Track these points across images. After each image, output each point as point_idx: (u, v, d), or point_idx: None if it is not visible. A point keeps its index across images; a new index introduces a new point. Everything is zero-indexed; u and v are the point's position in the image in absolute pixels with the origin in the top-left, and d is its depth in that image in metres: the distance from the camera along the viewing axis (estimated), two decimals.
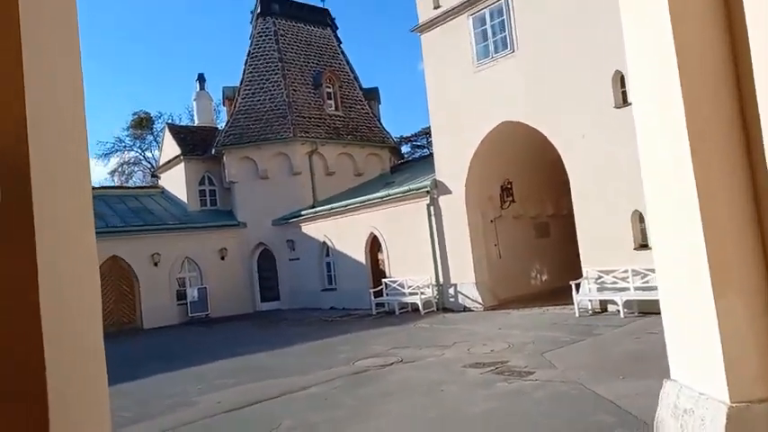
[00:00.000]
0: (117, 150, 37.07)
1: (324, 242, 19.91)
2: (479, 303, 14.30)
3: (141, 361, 12.38)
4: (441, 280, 15.28)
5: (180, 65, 59.13)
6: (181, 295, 20.71)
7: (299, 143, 21.66)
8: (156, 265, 20.19)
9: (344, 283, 19.13)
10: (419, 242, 15.68)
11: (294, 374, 8.88)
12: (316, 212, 19.93)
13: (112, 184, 32.56)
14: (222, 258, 21.71)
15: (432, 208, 15.34)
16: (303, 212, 20.44)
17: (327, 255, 20.10)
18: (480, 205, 14.96)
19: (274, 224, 21.75)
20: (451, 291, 15.10)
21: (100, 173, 51.60)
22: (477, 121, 14.00)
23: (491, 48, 13.62)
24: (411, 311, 15.80)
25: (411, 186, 15.91)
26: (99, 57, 55.88)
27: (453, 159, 14.75)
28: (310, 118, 22.45)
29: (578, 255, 12.79)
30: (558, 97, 12.18)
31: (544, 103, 12.51)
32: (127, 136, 37.19)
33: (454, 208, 14.82)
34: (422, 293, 15.36)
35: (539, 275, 16.65)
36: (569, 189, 12.75)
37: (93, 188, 26.93)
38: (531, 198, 16.31)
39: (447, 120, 15.00)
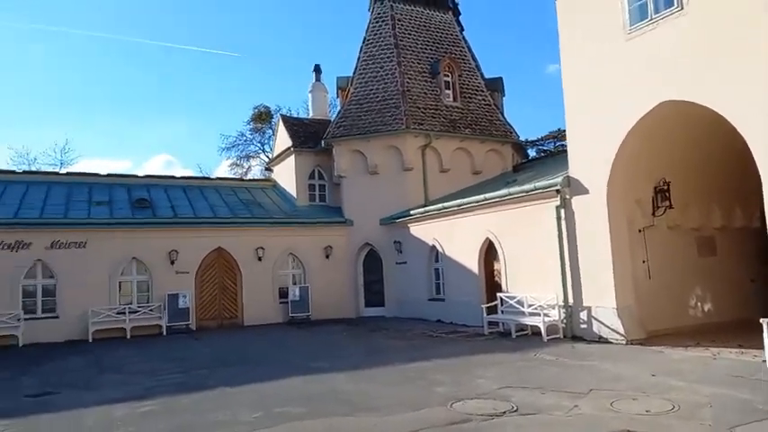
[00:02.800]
0: (238, 144, 38.00)
1: (433, 246, 17.81)
2: (620, 335, 11.34)
3: (218, 365, 11.14)
4: (570, 300, 12.49)
5: (300, 56, 60.30)
6: (283, 293, 19.73)
7: (411, 136, 19.77)
8: (259, 259, 19.39)
9: (454, 293, 16.88)
10: (544, 252, 13.03)
11: (372, 413, 6.87)
12: (426, 212, 17.88)
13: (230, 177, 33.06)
14: (327, 257, 20.44)
15: (562, 211, 12.62)
16: (412, 212, 18.50)
17: (437, 260, 17.97)
18: (626, 210, 11.97)
19: (382, 223, 20.06)
20: (583, 315, 12.26)
21: (221, 165, 54.03)
22: (627, 103, 11.07)
23: (650, 6, 10.63)
24: (531, 335, 13.19)
25: (537, 184, 13.27)
26: (227, 48, 58.68)
27: (593, 151, 11.92)
28: (425, 109, 20.47)
29: (753, 280, 9.43)
30: (747, 70, 8.98)
31: (725, 78, 9.34)
32: (248, 130, 37.99)
33: (591, 212, 11.99)
34: (545, 315, 12.67)
35: (700, 305, 13.14)
36: (753, 194, 9.44)
37: (208, 178, 27.33)
38: (695, 204, 12.94)
39: (586, 101, 12.19)
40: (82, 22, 56.43)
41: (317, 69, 26.06)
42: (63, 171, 24.47)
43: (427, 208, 18.00)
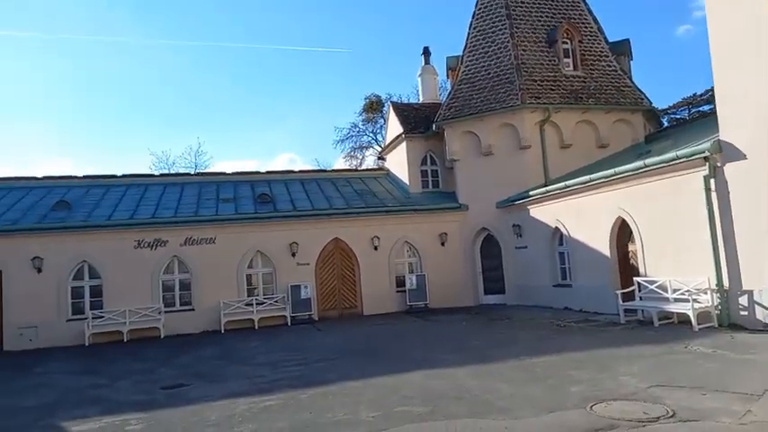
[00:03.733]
0: (352, 135, 38.51)
1: (556, 228, 16.53)
2: None
3: (339, 357, 11.04)
4: (726, 284, 10.82)
5: (409, 42, 59.77)
6: (400, 282, 19.52)
7: (527, 111, 18.49)
8: (375, 248, 19.30)
9: (582, 278, 15.53)
10: (690, 229, 11.42)
11: (500, 414, 6.21)
12: (546, 192, 16.62)
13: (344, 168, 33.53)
14: (442, 244, 19.88)
15: (712, 181, 10.93)
16: (532, 193, 17.31)
17: (561, 243, 16.67)
18: None
19: (499, 207, 19.06)
20: (743, 300, 10.56)
21: (337, 159, 55.29)
22: None
23: None
24: (677, 324, 11.68)
25: (679, 153, 11.60)
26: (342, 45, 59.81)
27: (751, 111, 10.12)
28: (542, 81, 19.03)
29: None
30: None
31: None
32: (360, 121, 38.34)
33: (751, 181, 10.23)
34: (695, 301, 11.10)
35: None
36: None
37: (324, 171, 27.86)
38: None
39: (741, 54, 10.38)
40: (205, 33, 60.55)
41: (426, 52, 25.43)
42: (194, 172, 26.19)
43: (548, 188, 16.72)
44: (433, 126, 20.65)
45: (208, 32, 60.74)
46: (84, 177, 21.18)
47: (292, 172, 24.19)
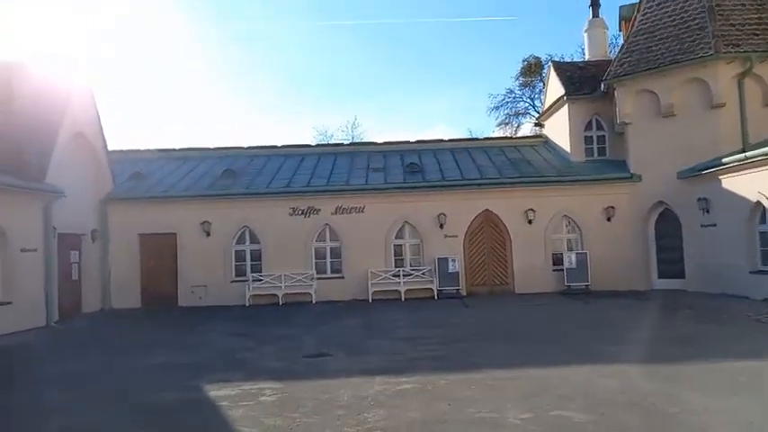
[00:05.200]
0: (507, 102, 36.37)
1: (758, 202, 13.65)
2: None
3: (486, 338, 10.10)
4: None
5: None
6: (557, 260, 17.82)
7: (722, 63, 15.42)
8: (530, 222, 17.80)
9: None
10: None
11: None
12: (746, 159, 13.73)
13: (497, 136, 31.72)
14: (608, 219, 17.70)
15: None
16: (725, 160, 14.46)
17: (763, 220, 13.76)
18: None
19: (680, 177, 16.35)
20: None
21: (489, 126, 53.06)
22: None
23: None
24: None
25: None
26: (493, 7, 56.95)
27: None
28: (743, 25, 15.70)
29: None
30: None
31: None
32: (517, 86, 36.02)
33: None
34: None
35: None
36: None
37: (475, 139, 26.46)
38: None
39: None
40: (364, 11, 61.51)
41: (594, 3, 22.64)
42: (347, 143, 26.60)
43: (749, 154, 13.78)
44: (602, 86, 18.27)
45: (366, 10, 61.65)
46: (249, 148, 22.41)
47: (442, 141, 23.31)
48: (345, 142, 27.76)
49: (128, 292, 17.55)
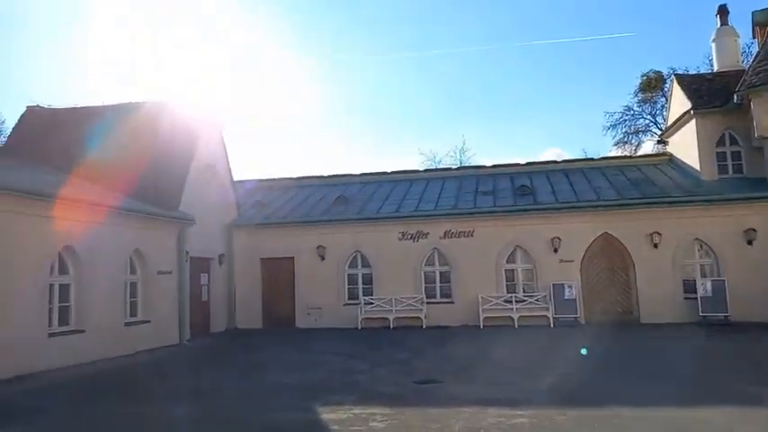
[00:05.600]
0: (625, 120, 34.25)
1: None
2: None
3: (612, 370, 9.42)
4: None
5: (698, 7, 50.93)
6: (689, 287, 16.31)
7: None
8: (655, 246, 16.52)
9: None
10: None
11: None
12: None
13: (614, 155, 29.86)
14: (749, 243, 15.96)
15: None
16: None
17: None
18: None
19: None
20: None
21: (605, 145, 50.25)
22: None
23: None
24: None
25: None
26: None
27: None
28: None
29: None
30: None
31: None
32: (636, 103, 33.84)
33: None
34: None
35: None
36: None
37: (591, 159, 25.11)
38: None
39: None
40: (478, 36, 61.75)
41: (723, 11, 20.90)
42: (455, 167, 26.54)
43: None
44: (735, 97, 16.72)
45: (470, 36, 61.79)
46: (360, 175, 23.10)
47: (555, 162, 22.50)
48: (453, 167, 27.68)
49: (250, 313, 18.64)
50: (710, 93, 18.47)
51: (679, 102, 19.71)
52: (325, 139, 61.93)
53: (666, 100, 25.06)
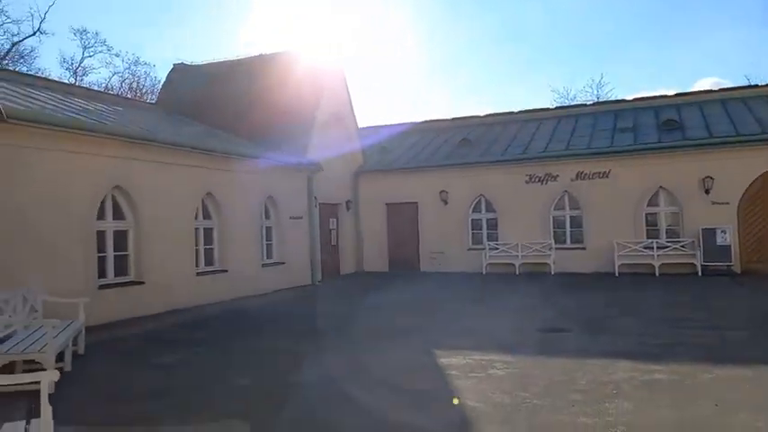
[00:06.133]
0: None
1: None
2: None
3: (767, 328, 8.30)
4: None
5: None
6: None
7: None
8: None
9: None
10: None
11: None
12: None
13: None
14: None
15: None
16: None
17: None
18: None
19: None
20: None
21: None
22: None
23: None
24: None
25: None
26: None
27: None
28: None
29: None
30: None
31: None
32: None
33: None
34: None
35: None
36: None
37: (755, 86, 21.61)
38: None
39: None
40: None
41: None
42: (589, 103, 24.43)
43: None
44: None
45: None
46: (486, 116, 22.21)
47: (710, 92, 19.77)
48: (588, 102, 25.56)
49: (377, 257, 19.18)
50: None
51: None
52: (447, 84, 60.47)
53: None
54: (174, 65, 20.81)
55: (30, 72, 26.63)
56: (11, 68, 25.09)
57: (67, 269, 8.94)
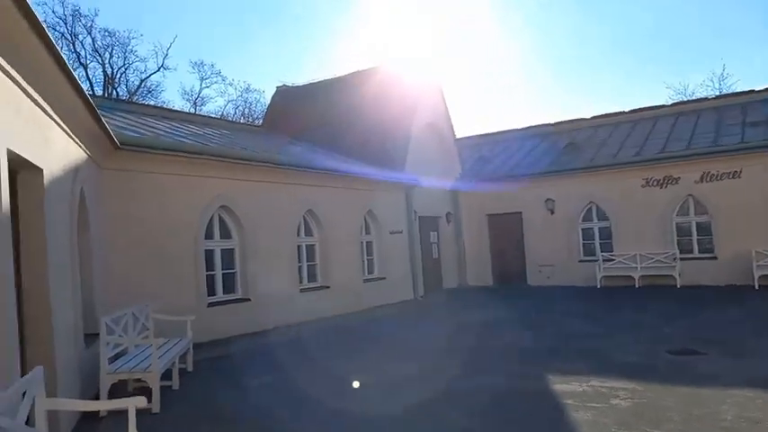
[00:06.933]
0: None
1: None
2: None
3: None
4: None
5: None
6: None
7: None
8: None
9: None
10: None
11: None
12: None
13: None
14: None
15: None
16: None
17: None
18: None
19: None
20: None
21: None
22: None
23: None
24: None
25: None
26: None
27: None
28: None
29: None
30: None
31: None
32: None
33: None
34: None
35: None
36: None
37: None
38: None
39: None
40: None
41: None
42: (710, 96, 22.12)
43: None
44: None
45: None
46: (592, 118, 20.87)
47: None
48: (710, 96, 23.23)
49: (480, 270, 18.53)
50: None
51: None
52: (548, 88, 58.19)
53: None
54: (276, 87, 21.66)
55: (154, 104, 29.08)
56: (138, 102, 27.54)
57: (180, 287, 9.32)
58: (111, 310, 6.77)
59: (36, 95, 4.53)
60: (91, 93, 27.73)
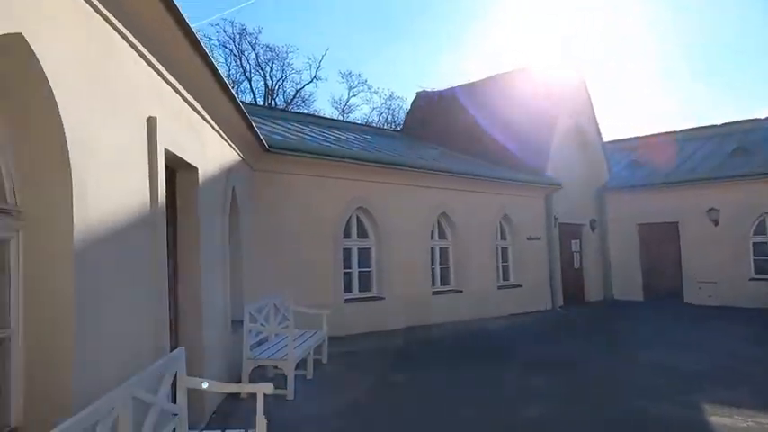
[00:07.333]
0: None
1: None
2: None
3: None
4: None
5: None
6: None
7: None
8: None
9: None
10: None
11: None
12: None
13: None
14: None
15: None
16: None
17: None
18: None
19: None
20: None
21: None
22: None
23: None
24: None
25: None
26: None
27: None
28: None
29: None
30: None
31: None
32: None
33: None
34: None
35: None
36: None
37: None
38: None
39: None
40: None
41: None
42: None
43: None
44: None
45: None
46: (766, 119, 18.30)
47: None
48: None
49: (628, 284, 17.11)
50: None
51: None
52: (708, 87, 52.16)
53: None
54: (417, 93, 21.99)
55: (306, 112, 31.15)
56: (291, 111, 29.69)
57: (318, 283, 9.84)
58: (255, 299, 7.32)
59: (196, 104, 5.07)
60: (253, 103, 30.56)
